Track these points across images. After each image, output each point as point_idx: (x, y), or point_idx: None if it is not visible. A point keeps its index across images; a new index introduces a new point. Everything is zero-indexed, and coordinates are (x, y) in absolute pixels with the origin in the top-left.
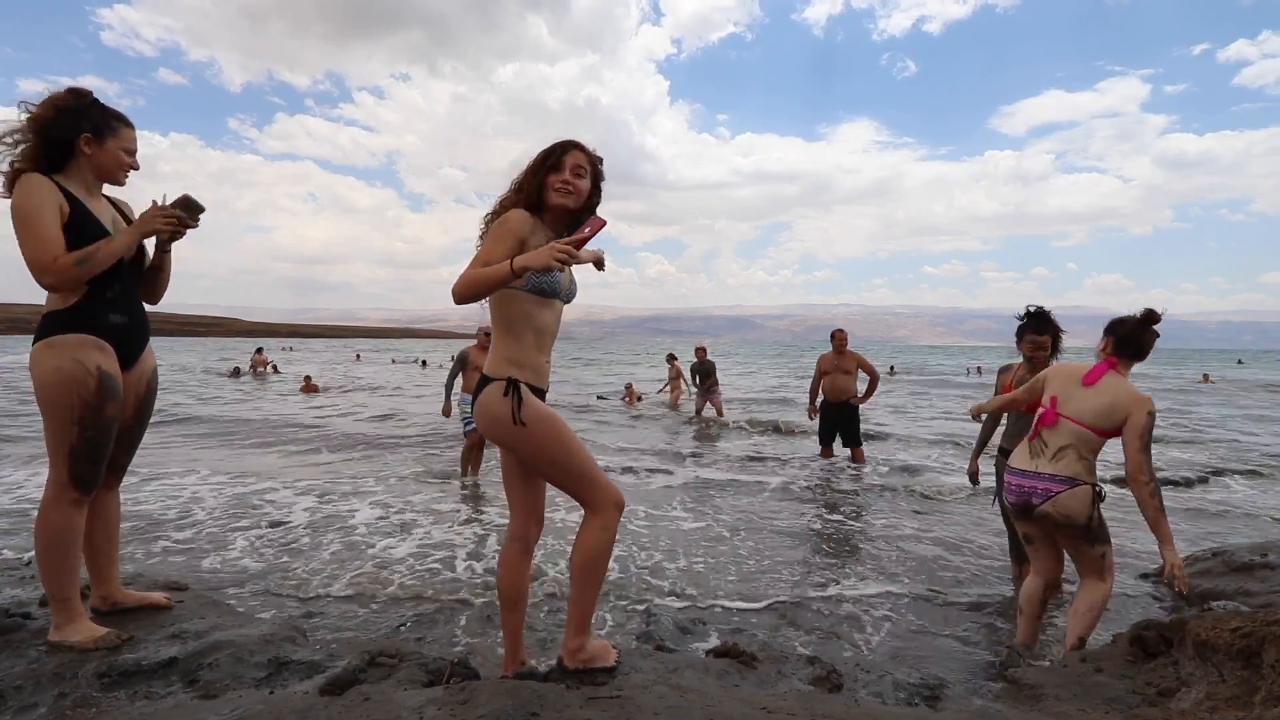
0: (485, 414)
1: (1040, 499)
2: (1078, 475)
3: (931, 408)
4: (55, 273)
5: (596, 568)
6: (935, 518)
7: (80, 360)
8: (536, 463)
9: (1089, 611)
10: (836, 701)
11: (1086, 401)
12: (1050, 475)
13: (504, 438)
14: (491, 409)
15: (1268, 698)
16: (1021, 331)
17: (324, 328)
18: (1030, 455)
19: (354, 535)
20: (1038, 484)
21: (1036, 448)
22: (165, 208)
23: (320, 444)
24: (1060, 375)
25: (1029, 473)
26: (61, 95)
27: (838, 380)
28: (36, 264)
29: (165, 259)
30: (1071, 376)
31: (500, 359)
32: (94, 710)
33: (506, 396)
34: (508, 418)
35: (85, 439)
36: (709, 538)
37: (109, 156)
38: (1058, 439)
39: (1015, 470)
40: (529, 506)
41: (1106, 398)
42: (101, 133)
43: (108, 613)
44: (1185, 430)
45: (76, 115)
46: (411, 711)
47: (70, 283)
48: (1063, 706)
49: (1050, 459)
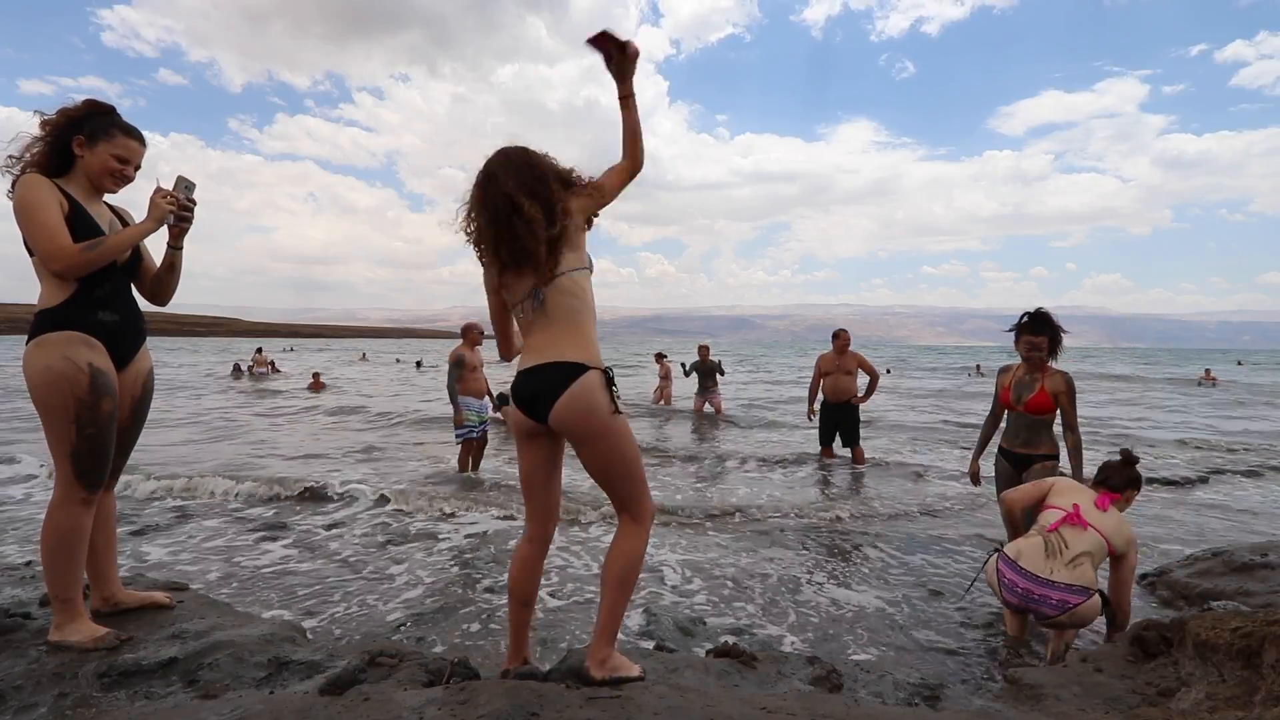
0: (581, 402)
1: (1055, 610)
2: (1091, 585)
3: (932, 408)
4: (64, 259)
5: (632, 577)
6: (935, 518)
7: (70, 357)
8: (610, 458)
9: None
10: (836, 701)
11: (1102, 520)
12: (1067, 585)
13: (594, 428)
14: (591, 397)
15: (1268, 698)
16: (1018, 332)
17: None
18: (1046, 555)
19: (353, 536)
20: (1052, 594)
21: (1054, 547)
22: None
23: (319, 445)
24: (1074, 489)
25: (1042, 580)
26: (75, 106)
27: (839, 381)
28: (47, 251)
29: (177, 257)
30: (1085, 494)
31: (591, 348)
32: (94, 710)
33: (608, 386)
34: (608, 408)
35: (85, 437)
36: (709, 538)
37: (97, 160)
38: (1080, 544)
39: (1027, 574)
40: (548, 510)
41: (1114, 523)
42: (95, 136)
43: (109, 613)
44: (1185, 430)
45: (78, 120)
46: (411, 711)
47: (80, 269)
48: (1063, 706)
49: (1068, 564)
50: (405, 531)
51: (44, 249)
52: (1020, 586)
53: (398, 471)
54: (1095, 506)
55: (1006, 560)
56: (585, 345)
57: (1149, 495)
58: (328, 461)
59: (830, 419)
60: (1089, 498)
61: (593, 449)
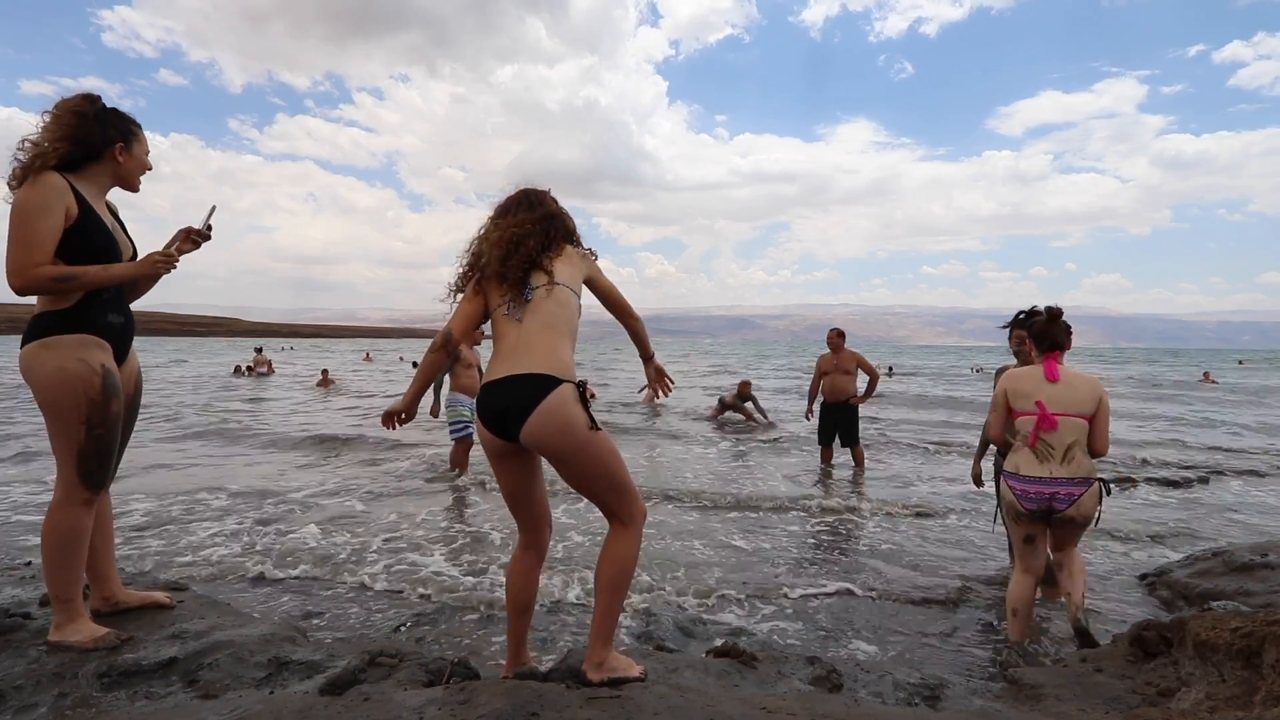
0: (555, 418)
1: (1064, 504)
2: (1089, 473)
3: (932, 409)
4: (28, 279)
5: (625, 581)
6: (935, 519)
7: (85, 359)
8: (592, 475)
9: (1082, 571)
10: (836, 701)
11: (1067, 396)
12: (1069, 479)
13: (572, 445)
14: (566, 413)
15: (1268, 698)
16: (1011, 327)
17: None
18: (1039, 461)
19: (352, 535)
20: (1059, 489)
21: (1043, 452)
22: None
23: (318, 444)
24: (1024, 379)
25: (1045, 479)
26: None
27: (837, 380)
28: (14, 263)
29: None
30: (1035, 379)
31: (564, 363)
32: (94, 710)
33: (581, 400)
34: (583, 422)
35: (94, 438)
36: (709, 538)
37: (137, 164)
38: (1064, 438)
39: (1029, 479)
40: (539, 519)
41: (1081, 387)
42: (129, 141)
43: (109, 613)
44: (1185, 431)
45: (104, 123)
46: (411, 711)
47: (38, 292)
48: (1063, 706)
49: (1061, 461)
50: (405, 532)
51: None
52: (1033, 491)
53: (394, 471)
54: (1049, 381)
55: (1012, 476)
56: (558, 358)
57: (1149, 495)
58: (329, 463)
59: (829, 419)
60: (1039, 379)
61: (572, 467)
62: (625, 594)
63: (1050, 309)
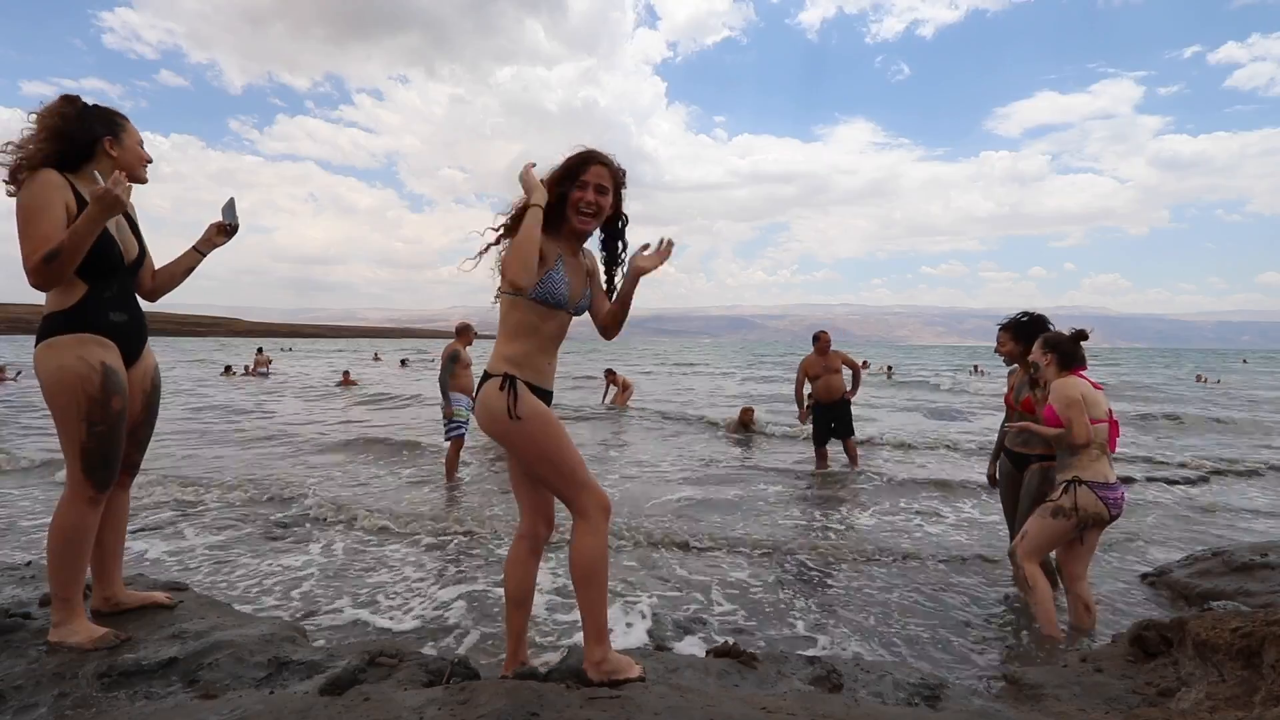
0: (484, 409)
1: (1120, 507)
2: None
3: (932, 410)
4: (30, 270)
5: (595, 574)
6: (935, 520)
7: (83, 357)
8: (529, 458)
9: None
10: (836, 701)
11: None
12: (1119, 483)
13: (500, 432)
14: (489, 403)
15: (1268, 698)
16: (1008, 329)
17: (324, 328)
18: (1110, 467)
19: (350, 535)
20: (1122, 493)
21: (1109, 460)
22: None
23: (316, 444)
24: (1087, 387)
25: (1115, 485)
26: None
27: (830, 381)
28: (25, 260)
29: (199, 261)
30: (1088, 388)
31: (499, 357)
32: (94, 710)
33: (503, 391)
34: (504, 412)
35: (94, 434)
36: (709, 537)
37: (131, 154)
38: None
39: (1114, 485)
40: (536, 506)
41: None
42: (117, 133)
43: (109, 613)
44: (1184, 429)
45: (86, 119)
46: (411, 711)
47: (45, 278)
48: (1063, 706)
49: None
50: (405, 533)
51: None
52: (1113, 498)
53: (392, 472)
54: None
55: (1102, 486)
56: (496, 355)
57: (1149, 495)
58: (328, 462)
59: (824, 418)
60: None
61: (512, 453)
62: (602, 589)
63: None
